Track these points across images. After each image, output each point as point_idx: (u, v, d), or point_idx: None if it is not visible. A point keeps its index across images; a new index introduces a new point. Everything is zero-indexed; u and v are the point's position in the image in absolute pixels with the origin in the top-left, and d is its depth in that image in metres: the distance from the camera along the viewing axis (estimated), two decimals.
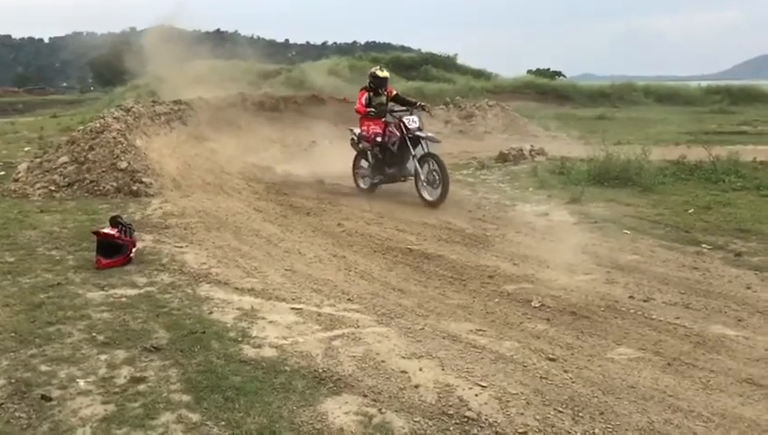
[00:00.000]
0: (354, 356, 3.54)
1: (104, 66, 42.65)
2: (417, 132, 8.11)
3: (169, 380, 3.25)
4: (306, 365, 3.42)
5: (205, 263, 5.33)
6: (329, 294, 4.63)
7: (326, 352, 3.59)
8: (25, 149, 13.51)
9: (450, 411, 2.97)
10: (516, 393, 3.13)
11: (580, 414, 2.97)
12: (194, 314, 4.18)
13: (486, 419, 2.91)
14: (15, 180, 8.65)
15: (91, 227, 6.18)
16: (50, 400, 3.03)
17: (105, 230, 5.40)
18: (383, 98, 8.75)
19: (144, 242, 5.86)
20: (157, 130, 10.88)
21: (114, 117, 9.57)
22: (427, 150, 8.07)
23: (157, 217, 7.03)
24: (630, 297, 4.61)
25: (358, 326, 3.99)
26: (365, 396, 3.11)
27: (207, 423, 2.85)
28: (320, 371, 3.36)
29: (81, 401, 3.04)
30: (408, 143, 8.13)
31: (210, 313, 4.20)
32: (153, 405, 3.00)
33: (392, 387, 3.20)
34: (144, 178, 8.39)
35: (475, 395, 3.11)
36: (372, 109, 8.55)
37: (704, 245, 5.90)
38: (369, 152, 8.77)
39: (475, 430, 2.83)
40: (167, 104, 12.12)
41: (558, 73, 42.12)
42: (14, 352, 3.53)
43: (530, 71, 39.99)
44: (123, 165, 8.47)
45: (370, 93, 8.73)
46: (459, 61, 38.69)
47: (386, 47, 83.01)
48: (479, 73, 35.63)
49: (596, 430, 2.84)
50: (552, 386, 3.24)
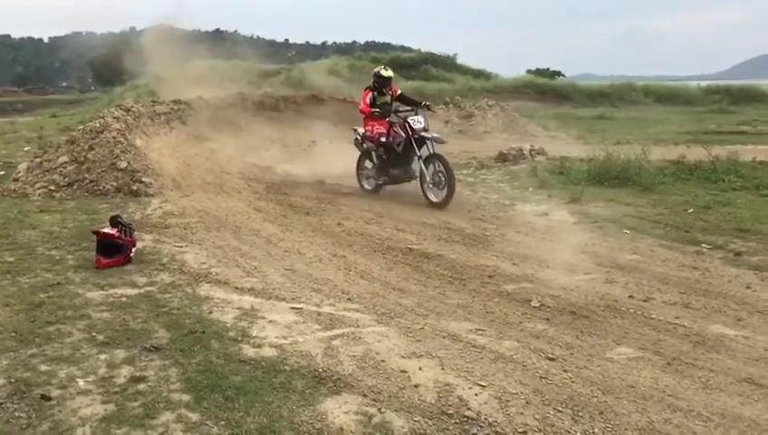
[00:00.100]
0: (354, 356, 3.55)
1: (104, 66, 42.68)
2: (423, 133, 8.03)
3: (169, 379, 3.25)
4: (306, 365, 3.42)
5: (204, 262, 5.33)
6: (329, 294, 4.63)
7: (326, 352, 3.59)
8: (25, 148, 13.51)
9: (450, 411, 2.97)
10: (516, 393, 3.14)
11: (580, 414, 2.97)
12: (194, 313, 4.18)
13: (486, 418, 2.91)
14: (15, 180, 8.65)
15: (90, 226, 6.18)
16: (49, 399, 3.04)
17: (105, 230, 5.40)
18: (387, 97, 8.69)
19: (144, 242, 5.86)
20: (156, 130, 10.88)
21: (114, 117, 9.57)
22: (432, 151, 7.97)
23: (156, 216, 7.02)
24: (630, 297, 4.61)
25: (357, 326, 3.99)
26: (365, 396, 3.11)
27: (207, 423, 2.86)
28: (319, 370, 3.36)
29: (81, 400, 3.04)
30: (413, 144, 8.04)
31: (210, 312, 4.21)
32: (153, 405, 3.00)
33: (392, 386, 3.20)
34: (144, 178, 8.39)
35: (475, 395, 3.12)
36: (377, 109, 8.46)
37: (703, 244, 5.90)
38: (374, 153, 8.69)
39: (475, 430, 2.83)
40: (166, 104, 12.11)
41: (557, 73, 42.11)
42: (13, 352, 3.53)
43: (529, 70, 40.02)
44: (123, 165, 8.47)
45: (375, 93, 8.65)
46: (459, 60, 38.79)
47: (385, 47, 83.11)
48: (479, 73, 35.67)
49: (595, 430, 2.84)
50: (552, 386, 3.24)
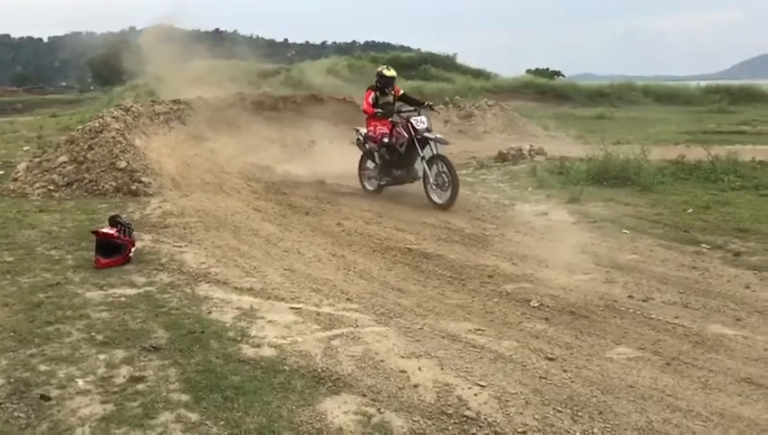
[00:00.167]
0: (353, 356, 3.54)
1: (103, 66, 42.65)
2: (426, 133, 7.94)
3: (168, 379, 3.24)
4: (305, 365, 3.42)
5: (204, 262, 5.33)
6: (328, 294, 4.63)
7: (325, 352, 3.59)
8: (24, 148, 13.51)
9: (449, 411, 2.97)
10: (515, 393, 3.14)
11: (579, 414, 2.97)
12: (193, 313, 4.18)
13: (485, 418, 2.91)
14: (14, 180, 8.64)
15: (90, 226, 6.18)
16: (49, 399, 3.03)
17: (104, 230, 5.40)
18: (390, 97, 8.62)
19: (143, 241, 5.85)
20: (156, 130, 10.88)
21: (113, 116, 9.57)
22: (435, 152, 7.90)
23: (156, 216, 7.02)
24: (629, 297, 4.61)
25: (357, 326, 3.99)
26: (364, 396, 3.11)
27: (206, 423, 2.85)
28: (319, 370, 3.36)
29: (80, 400, 3.04)
30: (416, 144, 7.97)
31: (209, 312, 4.20)
32: (152, 405, 2.99)
33: (391, 386, 3.20)
34: (143, 178, 8.39)
35: (475, 395, 3.11)
36: (380, 110, 8.38)
37: (703, 244, 5.90)
38: (376, 153, 8.62)
39: (474, 430, 2.83)
40: (166, 104, 12.11)
41: (557, 73, 42.10)
42: (13, 352, 3.53)
43: (529, 70, 40.04)
44: (122, 164, 8.47)
45: (377, 93, 8.59)
46: (458, 60, 38.78)
47: (385, 47, 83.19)
48: (478, 73, 35.67)
49: (595, 430, 2.84)
50: (551, 385, 3.24)
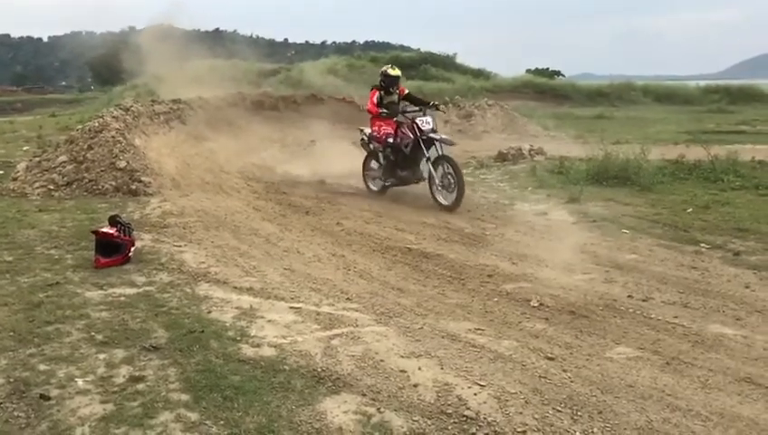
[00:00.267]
0: (353, 355, 3.54)
1: (103, 65, 42.63)
2: (432, 134, 7.87)
3: (168, 379, 3.24)
4: (305, 364, 3.42)
5: (203, 262, 5.33)
6: (328, 294, 4.63)
7: (325, 352, 3.59)
8: (24, 148, 13.50)
9: (449, 410, 2.97)
10: (515, 392, 3.14)
11: (579, 413, 2.97)
12: (193, 313, 4.18)
13: (485, 418, 2.91)
14: (14, 179, 8.64)
15: (89, 226, 6.18)
16: (48, 399, 3.03)
17: (104, 229, 5.40)
18: (395, 97, 8.54)
19: (143, 241, 5.85)
20: (156, 130, 10.87)
21: (113, 116, 9.56)
22: (441, 153, 7.82)
23: (155, 216, 7.02)
24: (629, 296, 4.61)
25: (357, 325, 3.99)
26: (364, 395, 3.11)
27: (206, 422, 2.85)
28: (319, 370, 3.36)
29: (80, 400, 3.04)
30: (422, 145, 7.88)
31: (209, 312, 4.20)
32: (152, 404, 2.99)
33: (391, 386, 3.20)
34: (143, 178, 8.38)
35: (474, 394, 3.11)
36: (385, 110, 8.31)
37: (702, 244, 5.90)
38: (381, 153, 8.54)
39: (474, 429, 2.83)
40: (166, 104, 12.10)
41: (557, 73, 42.10)
42: (12, 352, 3.53)
43: (529, 70, 40.04)
44: (122, 164, 8.47)
45: (382, 92, 8.51)
46: (458, 60, 38.78)
47: (385, 46, 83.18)
48: (478, 73, 35.67)
49: (594, 429, 2.84)
50: (551, 385, 3.24)
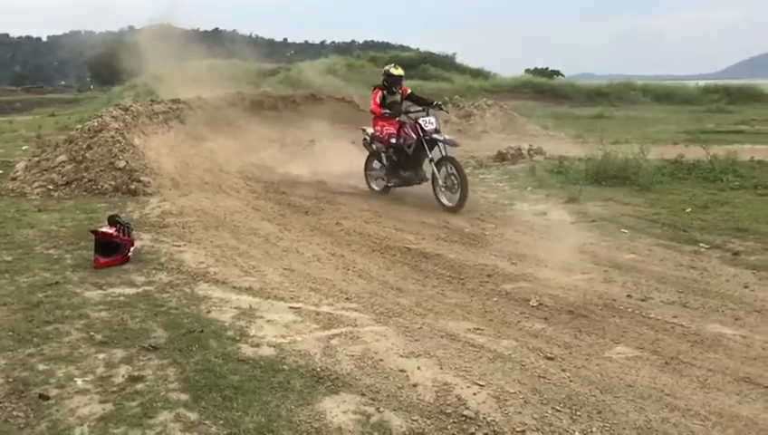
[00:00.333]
0: (352, 355, 3.55)
1: (102, 65, 42.56)
2: (435, 135, 7.80)
3: (167, 379, 3.25)
4: (304, 364, 3.42)
5: (203, 262, 5.33)
6: (327, 293, 4.63)
7: (324, 351, 3.59)
8: (23, 147, 13.48)
9: (448, 410, 2.98)
10: (514, 392, 3.14)
11: (578, 413, 2.98)
12: (192, 313, 4.18)
13: (484, 417, 2.91)
14: (13, 179, 8.63)
15: (89, 225, 6.17)
16: (47, 399, 3.03)
17: (103, 229, 5.40)
18: (397, 96, 8.50)
19: (142, 241, 5.85)
20: (155, 129, 10.86)
21: (112, 116, 9.55)
22: (444, 153, 7.75)
23: (155, 215, 7.02)
24: (628, 296, 4.62)
25: (356, 325, 3.99)
26: (363, 395, 3.11)
27: (205, 422, 2.85)
28: (318, 370, 3.36)
29: (79, 399, 3.04)
30: (425, 145, 7.82)
31: (208, 312, 4.20)
32: (151, 404, 3.00)
33: (390, 386, 3.20)
34: (142, 177, 8.38)
35: (473, 394, 3.12)
36: (388, 111, 8.26)
37: (701, 244, 5.91)
38: (383, 154, 8.49)
39: (473, 429, 2.83)
40: (165, 103, 12.09)
41: (556, 72, 42.08)
42: (11, 351, 3.53)
43: (528, 70, 40.02)
44: (121, 164, 8.46)
45: (384, 92, 8.48)
46: (458, 60, 38.74)
47: (384, 46, 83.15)
48: (477, 72, 35.64)
49: (594, 429, 2.85)
50: (550, 385, 3.24)
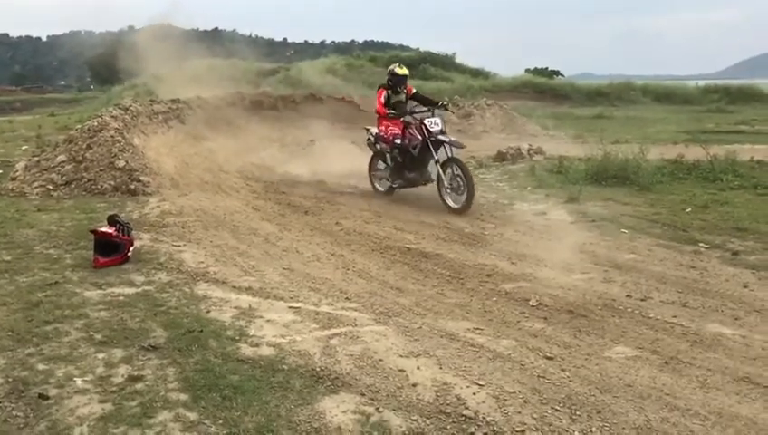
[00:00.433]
0: (352, 355, 3.55)
1: (102, 65, 42.56)
2: (440, 136, 7.72)
3: (167, 378, 3.24)
4: (304, 364, 3.42)
5: (202, 262, 5.33)
6: (327, 293, 4.63)
7: (324, 351, 3.59)
8: (23, 147, 13.48)
9: (448, 410, 2.98)
10: (514, 392, 3.14)
11: (578, 413, 2.97)
12: (191, 312, 4.18)
13: (484, 417, 2.91)
14: (13, 179, 8.63)
15: (88, 225, 6.17)
16: (47, 398, 3.03)
17: (103, 229, 5.40)
18: (402, 96, 8.43)
19: (142, 241, 5.85)
20: (155, 129, 10.86)
21: (112, 116, 9.55)
22: (450, 154, 7.67)
23: (154, 215, 7.02)
24: (628, 296, 4.61)
25: (356, 325, 3.99)
26: (363, 395, 3.11)
27: (205, 422, 2.85)
28: (317, 369, 3.36)
29: (79, 399, 3.04)
30: (430, 146, 7.74)
31: (208, 311, 4.20)
32: (150, 404, 2.99)
33: (390, 386, 3.20)
34: (142, 177, 8.38)
35: (473, 394, 3.12)
36: (392, 111, 8.19)
37: (701, 244, 5.91)
38: (388, 154, 8.42)
39: (473, 429, 2.83)
40: (165, 103, 12.09)
41: (556, 72, 42.08)
42: (11, 351, 3.53)
43: (528, 70, 40.04)
44: (121, 164, 8.46)
45: (389, 91, 8.41)
46: (457, 60, 38.79)
47: (384, 46, 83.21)
48: (477, 72, 35.68)
49: (593, 429, 2.85)
50: (550, 385, 3.24)
